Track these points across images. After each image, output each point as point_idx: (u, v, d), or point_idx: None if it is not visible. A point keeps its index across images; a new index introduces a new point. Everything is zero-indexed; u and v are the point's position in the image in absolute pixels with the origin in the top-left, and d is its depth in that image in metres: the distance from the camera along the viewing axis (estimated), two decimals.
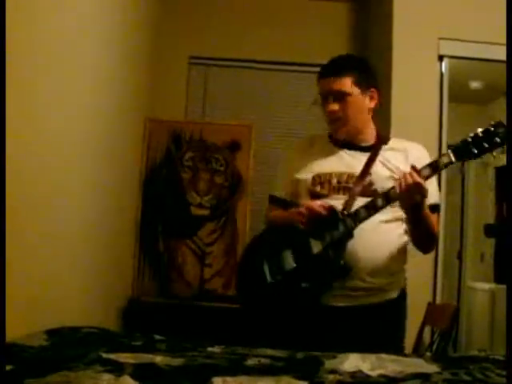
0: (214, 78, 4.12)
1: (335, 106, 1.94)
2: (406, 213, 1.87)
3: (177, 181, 3.61)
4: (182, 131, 3.65)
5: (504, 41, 2.02)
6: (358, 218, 1.83)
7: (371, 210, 1.83)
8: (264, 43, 4.02)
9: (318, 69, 2.02)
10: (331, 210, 1.85)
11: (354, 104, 1.95)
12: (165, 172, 3.62)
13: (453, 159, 1.78)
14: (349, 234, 1.84)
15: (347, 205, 1.87)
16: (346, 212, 1.86)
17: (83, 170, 2.27)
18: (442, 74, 3.39)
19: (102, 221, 2.64)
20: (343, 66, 1.98)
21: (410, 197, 1.77)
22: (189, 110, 4.07)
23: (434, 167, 1.80)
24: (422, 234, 1.93)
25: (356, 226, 1.83)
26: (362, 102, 1.98)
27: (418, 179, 1.75)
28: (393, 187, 1.81)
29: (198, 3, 4.07)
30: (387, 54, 3.38)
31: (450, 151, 1.79)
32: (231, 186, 3.63)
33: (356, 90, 1.95)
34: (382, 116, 2.05)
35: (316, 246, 1.85)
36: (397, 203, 1.87)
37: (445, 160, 1.80)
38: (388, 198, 1.82)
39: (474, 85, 4.17)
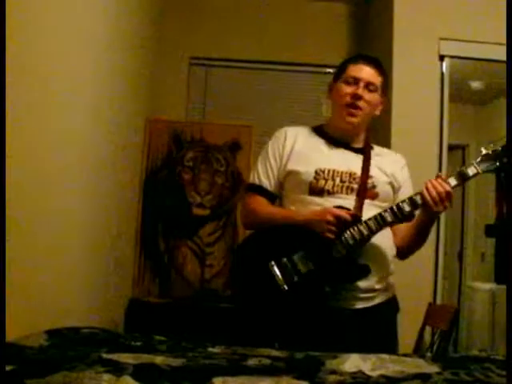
0: (215, 78, 4.12)
1: (366, 94, 1.93)
2: (424, 219, 1.88)
3: (177, 181, 3.61)
4: (182, 131, 3.65)
5: (504, 41, 2.02)
6: (385, 222, 1.82)
7: (397, 215, 1.82)
8: (264, 44, 4.02)
9: (317, 68, 2.03)
10: (355, 214, 1.83)
11: (373, 102, 1.97)
12: (165, 172, 3.62)
13: (479, 171, 1.80)
14: (369, 238, 1.83)
15: (358, 207, 1.87)
16: (358, 214, 1.85)
17: (84, 171, 2.27)
18: (442, 74, 3.39)
19: (103, 221, 2.64)
20: (382, 66, 2.00)
21: (439, 205, 1.77)
22: (189, 110, 4.07)
23: (462, 178, 1.81)
24: (422, 240, 1.97)
25: (381, 229, 1.83)
26: (377, 105, 2.00)
27: (448, 188, 1.77)
28: (417, 194, 1.81)
29: (198, 3, 4.08)
30: (388, 54, 3.38)
31: (474, 162, 1.81)
32: (232, 186, 3.63)
33: (380, 92, 1.98)
34: (383, 116, 2.06)
35: (337, 249, 1.82)
36: (382, 202, 1.91)
37: (473, 171, 1.80)
38: (415, 204, 1.81)
39: (475, 85, 4.17)
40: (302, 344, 1.61)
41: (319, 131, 2.04)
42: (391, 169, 1.99)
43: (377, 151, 2.04)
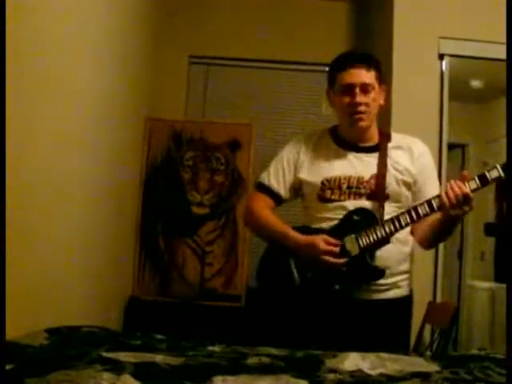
0: (215, 77, 4.12)
1: (363, 98, 1.91)
2: (444, 220, 1.84)
3: (177, 180, 3.61)
4: (182, 130, 3.65)
5: (504, 39, 2.02)
6: (400, 224, 1.81)
7: (413, 217, 1.81)
8: (264, 42, 4.02)
9: (317, 67, 2.03)
10: (369, 213, 1.85)
11: (375, 98, 1.95)
12: (165, 171, 3.62)
13: (502, 174, 1.75)
14: (386, 240, 1.83)
15: (379, 209, 1.86)
16: (378, 216, 1.85)
17: (83, 170, 2.27)
18: (442, 73, 3.39)
19: (103, 220, 2.64)
20: (369, 59, 1.97)
21: (457, 207, 1.74)
22: (189, 109, 4.07)
23: (483, 181, 1.76)
24: (444, 237, 2.00)
25: (396, 232, 1.83)
26: (379, 98, 1.98)
27: (467, 190, 1.73)
28: (437, 196, 1.79)
29: (198, 3, 4.07)
30: (388, 53, 3.38)
31: (498, 166, 1.76)
32: (231, 184, 3.62)
33: (377, 85, 1.95)
34: (383, 115, 2.05)
35: (352, 249, 1.84)
36: (393, 202, 1.90)
37: (494, 174, 1.76)
38: (431, 206, 1.80)
39: (475, 83, 4.16)
40: (306, 337, 1.68)
41: (334, 133, 2.05)
42: (405, 163, 1.96)
43: (394, 143, 2.00)
